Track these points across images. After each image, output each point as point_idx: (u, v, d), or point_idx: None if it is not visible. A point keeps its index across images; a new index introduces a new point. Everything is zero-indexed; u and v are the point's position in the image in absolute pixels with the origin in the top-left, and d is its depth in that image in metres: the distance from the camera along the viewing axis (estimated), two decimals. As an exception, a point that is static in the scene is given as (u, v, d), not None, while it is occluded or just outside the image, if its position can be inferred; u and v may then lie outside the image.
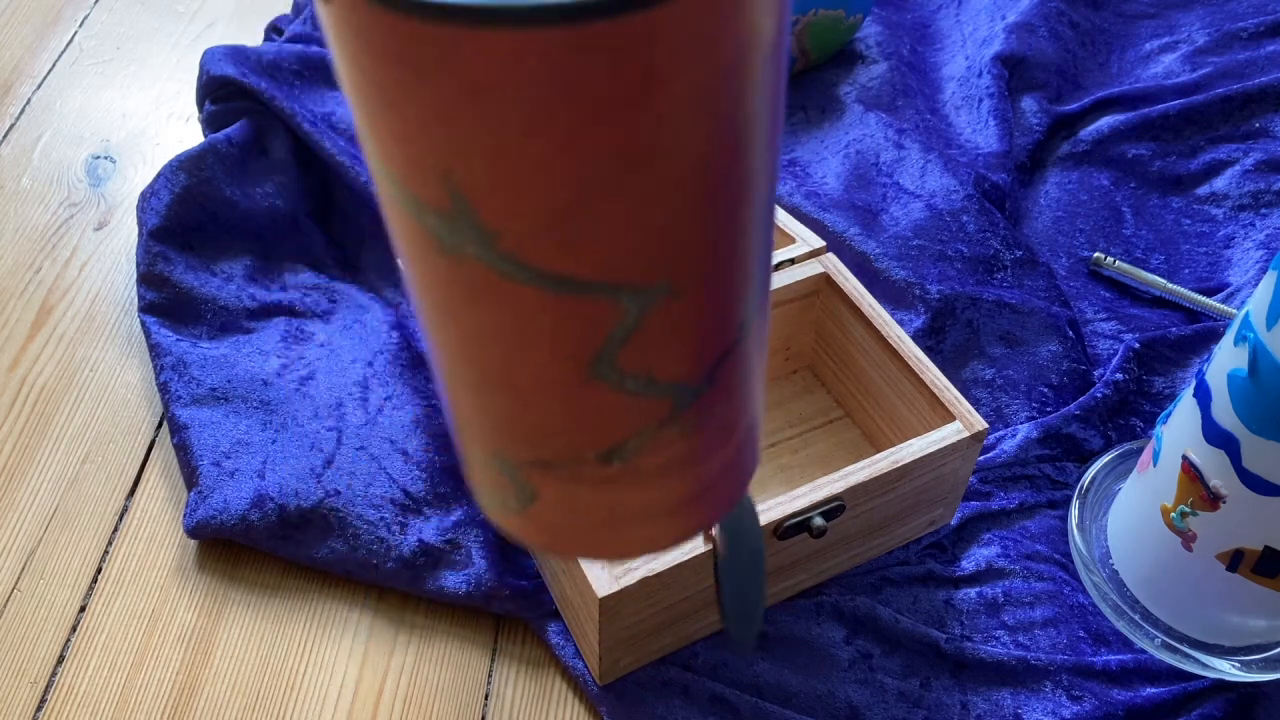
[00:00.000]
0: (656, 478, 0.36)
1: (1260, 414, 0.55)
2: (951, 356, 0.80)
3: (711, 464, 0.37)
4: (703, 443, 0.36)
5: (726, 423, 0.36)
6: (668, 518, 0.38)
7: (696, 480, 0.37)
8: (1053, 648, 0.67)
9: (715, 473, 0.37)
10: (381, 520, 0.69)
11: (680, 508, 0.38)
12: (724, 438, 0.37)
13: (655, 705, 0.64)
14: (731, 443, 0.38)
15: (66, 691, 0.65)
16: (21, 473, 0.75)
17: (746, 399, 0.37)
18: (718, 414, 0.36)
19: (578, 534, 0.37)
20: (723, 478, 0.38)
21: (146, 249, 0.81)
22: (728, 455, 0.38)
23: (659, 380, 0.32)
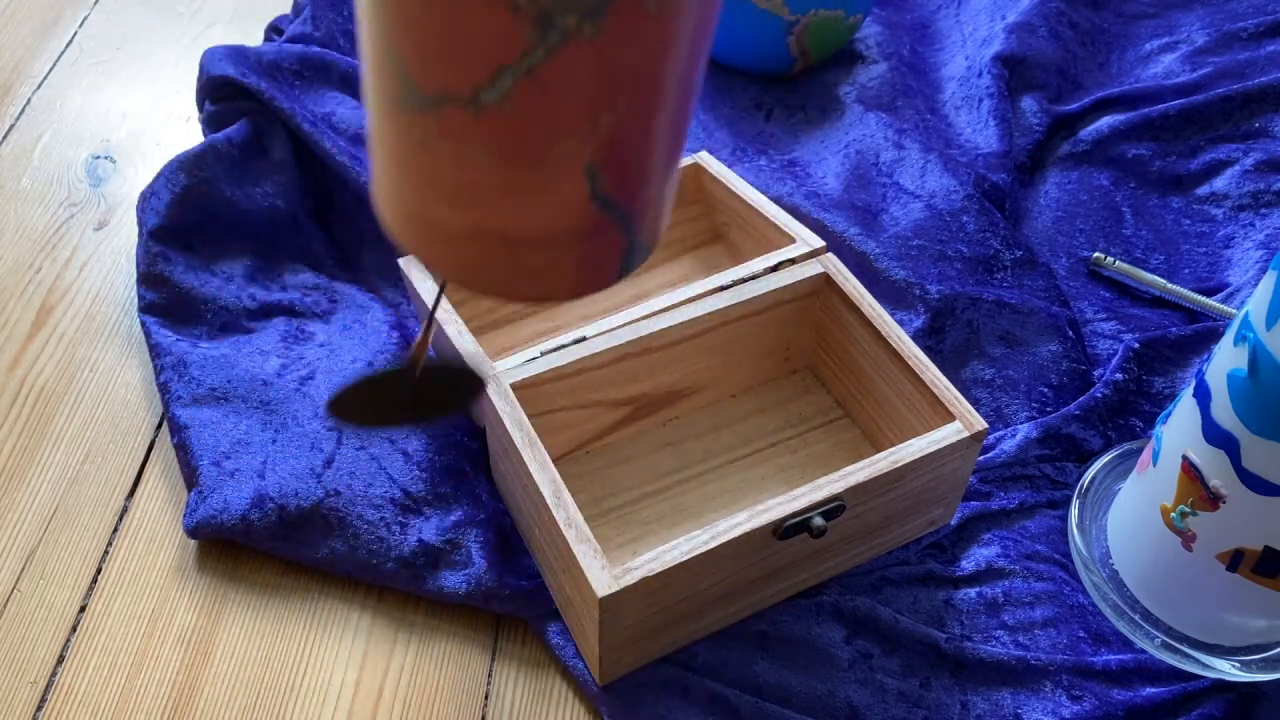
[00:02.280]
0: (398, 162, 0.38)
1: (1260, 414, 0.55)
2: (951, 356, 0.80)
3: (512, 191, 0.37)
4: (430, 169, 0.37)
5: (457, 184, 0.37)
6: (416, 224, 0.40)
7: (429, 209, 0.38)
8: (1053, 648, 0.67)
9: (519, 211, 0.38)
10: (381, 520, 0.69)
11: (420, 221, 0.39)
12: (453, 195, 0.38)
13: (655, 705, 0.64)
14: (462, 213, 0.38)
15: (66, 691, 0.65)
16: (21, 473, 0.75)
17: (485, 191, 0.37)
18: (445, 160, 0.37)
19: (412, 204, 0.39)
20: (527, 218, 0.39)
21: (146, 249, 0.81)
22: (457, 220, 0.38)
23: (395, 52, 0.35)
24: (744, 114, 1.00)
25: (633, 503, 0.72)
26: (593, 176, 0.37)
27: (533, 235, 0.39)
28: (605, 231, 0.39)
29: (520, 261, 0.40)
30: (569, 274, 0.40)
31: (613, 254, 0.41)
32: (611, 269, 0.41)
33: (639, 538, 0.70)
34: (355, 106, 0.90)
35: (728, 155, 0.96)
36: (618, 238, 0.40)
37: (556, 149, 0.36)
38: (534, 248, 0.39)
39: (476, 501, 0.71)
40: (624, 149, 0.37)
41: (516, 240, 0.39)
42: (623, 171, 0.38)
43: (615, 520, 0.71)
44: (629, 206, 0.39)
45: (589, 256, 0.40)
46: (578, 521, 0.59)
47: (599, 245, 0.40)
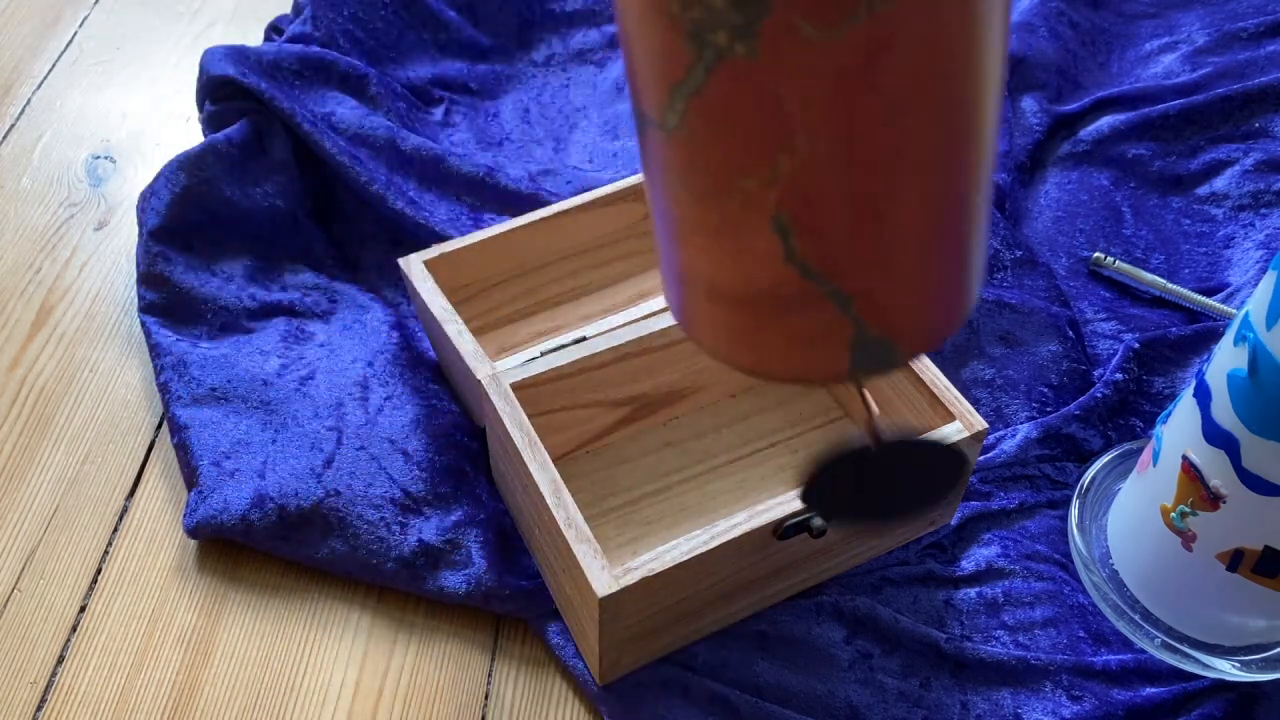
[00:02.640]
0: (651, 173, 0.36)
1: (1260, 414, 0.55)
2: (951, 356, 0.80)
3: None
4: (659, 196, 0.36)
5: (669, 222, 0.37)
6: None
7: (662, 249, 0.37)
8: (1053, 648, 0.67)
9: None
10: (381, 520, 0.69)
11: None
12: (669, 235, 0.37)
13: (655, 705, 0.64)
14: (674, 251, 0.37)
15: (66, 691, 0.65)
16: (21, 473, 0.75)
17: (680, 227, 0.36)
18: (663, 194, 0.35)
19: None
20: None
21: (146, 249, 0.81)
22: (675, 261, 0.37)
23: (632, 80, 0.34)
24: (744, 114, 1.00)
25: (633, 503, 0.72)
26: (784, 232, 0.34)
27: (734, 290, 0.36)
28: (817, 308, 0.36)
29: (730, 320, 0.38)
30: (780, 347, 0.37)
31: (833, 338, 0.37)
32: (837, 357, 0.37)
33: (639, 538, 0.70)
34: (355, 106, 0.90)
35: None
36: (836, 319, 0.36)
37: (737, 186, 0.34)
38: (739, 307, 0.37)
39: (476, 501, 0.71)
40: (819, 207, 0.34)
41: (720, 293, 0.37)
42: (821, 235, 0.34)
43: (615, 520, 0.71)
44: (842, 284, 0.35)
45: (801, 334, 0.37)
46: (578, 521, 0.59)
47: (811, 323, 0.36)
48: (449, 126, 0.98)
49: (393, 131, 0.89)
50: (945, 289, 0.37)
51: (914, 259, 0.35)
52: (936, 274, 0.36)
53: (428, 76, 1.00)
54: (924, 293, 0.36)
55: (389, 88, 0.95)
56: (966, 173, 0.35)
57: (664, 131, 0.34)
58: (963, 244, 0.36)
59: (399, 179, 0.88)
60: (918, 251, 0.35)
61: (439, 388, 0.77)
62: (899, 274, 0.35)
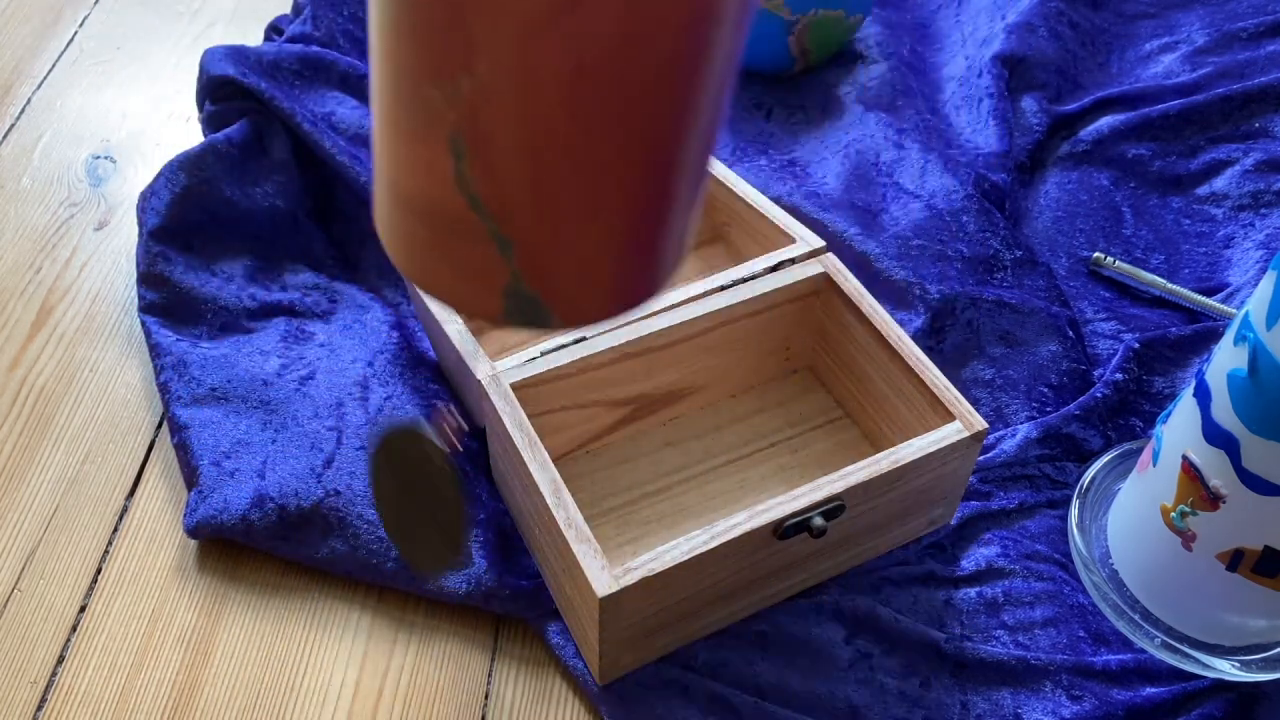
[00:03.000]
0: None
1: (1260, 414, 0.55)
2: (951, 356, 0.80)
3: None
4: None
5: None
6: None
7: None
8: (1053, 647, 0.67)
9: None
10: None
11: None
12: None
13: (655, 705, 0.64)
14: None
15: (66, 691, 0.65)
16: (21, 473, 0.75)
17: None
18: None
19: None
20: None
21: (146, 249, 0.81)
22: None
23: None
24: (744, 114, 1.00)
25: (633, 503, 0.72)
26: (458, 154, 0.32)
27: (410, 195, 0.34)
28: (477, 241, 0.34)
29: (405, 227, 0.36)
30: (445, 272, 0.35)
31: (491, 279, 0.35)
32: (491, 299, 0.35)
33: (639, 538, 0.70)
34: (355, 106, 0.90)
35: (728, 155, 0.96)
36: (494, 262, 0.34)
37: (421, 92, 0.32)
38: (413, 215, 0.35)
39: (476, 501, 0.71)
40: (493, 143, 0.32)
41: (400, 196, 0.35)
42: (493, 173, 0.32)
43: (615, 520, 0.71)
44: (505, 230, 0.33)
45: (462, 264, 0.35)
46: (578, 521, 0.59)
47: (473, 255, 0.34)
48: (449, 126, 0.98)
49: (393, 131, 0.89)
50: (616, 268, 0.35)
51: (585, 226, 0.33)
52: (608, 250, 0.34)
53: (428, 76, 1.00)
54: (590, 265, 0.34)
55: (389, 88, 0.95)
56: (659, 150, 0.32)
57: (388, 15, 0.32)
58: (643, 226, 0.34)
59: (399, 179, 0.88)
60: (590, 220, 0.33)
61: (439, 388, 0.77)
62: (564, 237, 0.33)
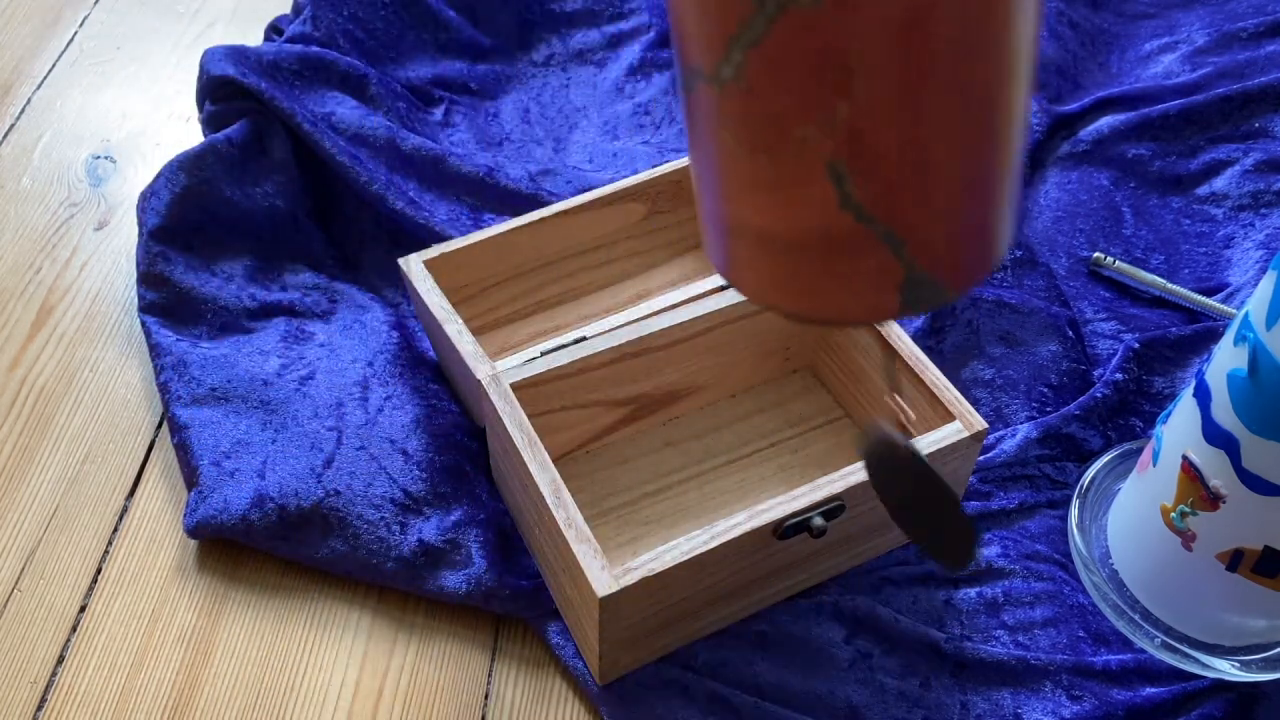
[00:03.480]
0: (696, 138, 0.37)
1: (1260, 414, 0.55)
2: (951, 356, 0.80)
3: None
4: (700, 160, 0.37)
5: (717, 170, 0.37)
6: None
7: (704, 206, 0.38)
8: (1053, 648, 0.67)
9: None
10: (381, 520, 0.69)
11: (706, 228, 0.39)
12: (716, 185, 0.37)
13: (655, 705, 0.64)
14: (724, 204, 0.37)
15: (66, 691, 0.65)
16: (21, 473, 0.75)
17: (735, 181, 0.37)
18: (707, 140, 0.36)
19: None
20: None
21: (146, 249, 0.81)
22: (720, 213, 0.38)
23: (678, 34, 0.35)
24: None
25: (633, 503, 0.72)
26: (838, 178, 0.35)
27: (785, 238, 0.37)
28: (868, 250, 0.37)
29: (779, 267, 0.39)
30: (831, 291, 0.39)
31: (885, 280, 0.38)
32: (888, 297, 0.39)
33: (639, 538, 0.70)
34: (355, 106, 0.90)
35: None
36: (888, 262, 0.37)
37: (794, 136, 0.35)
38: (790, 253, 0.38)
39: (476, 501, 0.71)
40: (874, 152, 0.35)
41: (771, 241, 0.38)
42: (877, 180, 0.35)
43: (615, 520, 0.71)
44: (894, 226, 0.37)
45: (855, 276, 0.38)
46: (578, 521, 0.59)
47: (863, 266, 0.38)
48: (449, 126, 0.98)
49: (393, 131, 0.89)
50: (986, 229, 0.38)
51: (960, 200, 0.37)
52: (980, 214, 0.38)
53: (428, 76, 1.00)
54: (968, 233, 0.38)
55: (389, 88, 0.95)
56: (1009, 116, 0.36)
57: (716, 85, 0.35)
58: (1003, 185, 0.38)
59: (399, 179, 0.88)
60: (964, 193, 0.37)
61: (439, 388, 0.77)
62: (947, 215, 0.37)
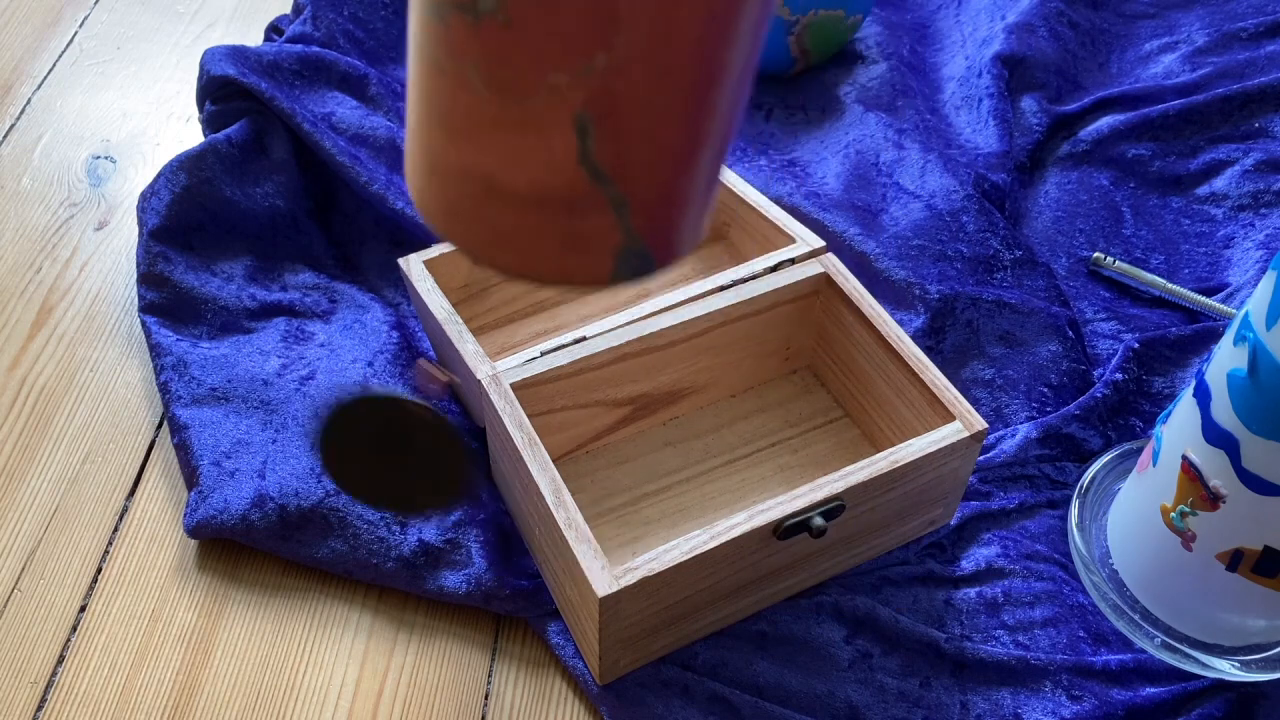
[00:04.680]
0: (415, 82, 0.36)
1: (1260, 414, 0.55)
2: (951, 356, 0.80)
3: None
4: (437, 95, 0.35)
5: (454, 110, 0.36)
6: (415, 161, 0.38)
7: (427, 140, 0.36)
8: (1053, 647, 0.67)
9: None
10: (381, 520, 0.69)
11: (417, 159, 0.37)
12: (450, 122, 0.36)
13: (655, 705, 0.64)
14: (455, 145, 0.36)
15: (66, 691, 0.65)
16: (21, 473, 0.75)
17: (477, 124, 0.35)
18: (448, 80, 0.35)
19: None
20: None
21: (146, 249, 0.81)
22: (452, 155, 0.36)
23: None
24: (744, 114, 1.00)
25: (633, 503, 0.72)
26: (583, 132, 0.34)
27: (518, 187, 0.36)
28: (595, 211, 0.36)
29: (505, 219, 0.37)
30: (552, 251, 0.38)
31: (604, 245, 0.38)
32: (602, 264, 0.38)
33: (639, 538, 0.70)
34: (355, 106, 0.90)
35: (728, 155, 0.96)
36: (611, 227, 0.37)
37: (545, 81, 0.33)
38: (519, 206, 0.37)
39: (476, 501, 0.71)
40: (622, 111, 0.34)
41: (503, 191, 0.36)
42: (619, 140, 0.35)
43: (615, 520, 0.71)
44: (626, 190, 0.36)
45: (575, 237, 0.37)
46: (578, 521, 0.59)
47: (587, 227, 0.37)
48: (449, 126, 0.98)
49: (393, 131, 0.89)
50: (702, 205, 0.39)
51: (687, 172, 0.36)
52: (700, 190, 0.38)
53: (428, 76, 1.00)
54: (685, 208, 0.38)
55: (389, 88, 0.95)
56: (740, 97, 0.36)
57: (471, 17, 0.33)
58: (719, 165, 0.38)
59: (399, 179, 0.88)
60: (691, 166, 0.36)
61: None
62: (672, 186, 0.37)
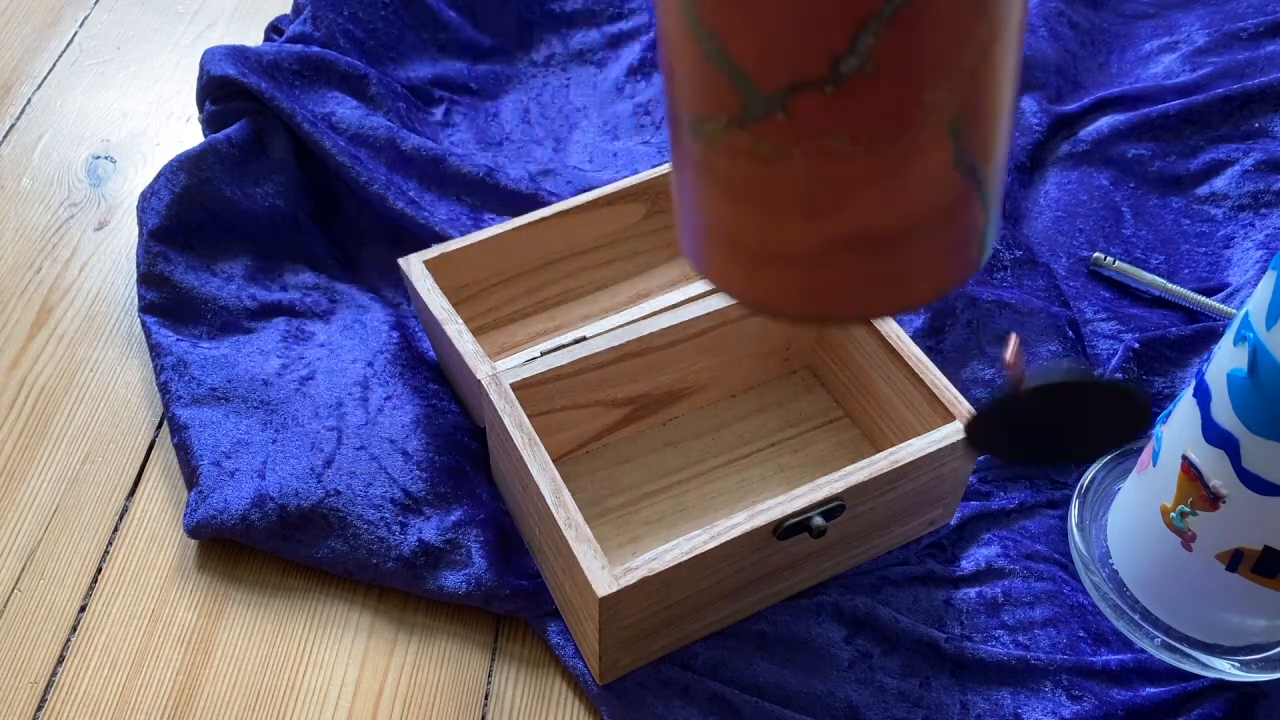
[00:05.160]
0: (733, 192, 0.36)
1: (1260, 414, 0.55)
2: (951, 356, 0.80)
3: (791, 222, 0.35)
4: (776, 185, 0.34)
5: (811, 189, 0.34)
6: (753, 260, 0.37)
7: (775, 235, 0.35)
8: (1053, 648, 0.67)
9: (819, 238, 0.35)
10: (381, 520, 0.69)
11: (761, 256, 0.37)
12: (807, 204, 0.34)
13: (655, 705, 0.64)
14: (820, 222, 0.35)
15: (66, 691, 0.65)
16: (21, 473, 0.75)
17: (843, 185, 0.34)
18: (797, 165, 0.33)
19: (683, 224, 0.40)
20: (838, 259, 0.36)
21: (146, 249, 0.81)
22: (813, 234, 0.35)
23: (728, 56, 0.32)
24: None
25: (633, 503, 0.72)
26: (957, 135, 0.34)
27: (896, 228, 0.35)
28: (968, 205, 0.36)
29: (880, 267, 0.36)
30: (932, 269, 0.37)
31: (973, 232, 0.37)
32: (974, 251, 0.38)
33: (639, 538, 0.70)
34: (355, 106, 0.90)
35: None
36: (978, 212, 0.37)
37: (924, 102, 0.33)
38: (896, 245, 0.36)
39: (476, 501, 0.71)
40: (984, 97, 0.34)
41: (878, 239, 0.35)
42: (983, 125, 0.35)
43: (615, 520, 0.71)
44: (987, 169, 0.36)
45: (952, 241, 0.37)
46: (578, 521, 0.59)
47: (962, 224, 0.37)
48: (449, 126, 0.98)
49: (393, 131, 0.89)
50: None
51: (1012, 126, 0.38)
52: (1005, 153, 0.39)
53: (428, 76, 1.00)
54: (1005, 157, 0.38)
55: (389, 88, 0.95)
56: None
57: (830, 88, 0.32)
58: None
59: (399, 179, 0.88)
60: (1010, 114, 0.37)
61: (439, 388, 0.77)
62: (1007, 144, 0.38)
